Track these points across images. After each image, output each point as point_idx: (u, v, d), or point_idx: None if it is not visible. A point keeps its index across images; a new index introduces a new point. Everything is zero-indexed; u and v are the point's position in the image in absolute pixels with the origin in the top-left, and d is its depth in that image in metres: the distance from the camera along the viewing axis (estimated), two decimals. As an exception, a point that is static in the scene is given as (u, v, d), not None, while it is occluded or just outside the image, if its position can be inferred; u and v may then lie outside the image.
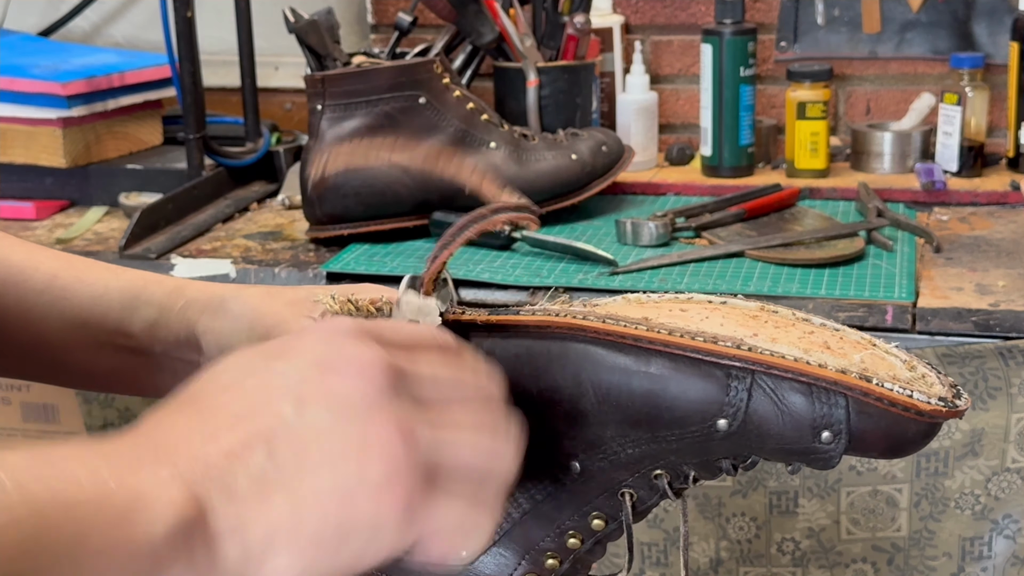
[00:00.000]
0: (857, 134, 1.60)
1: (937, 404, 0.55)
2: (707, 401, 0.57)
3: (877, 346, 0.60)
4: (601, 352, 0.59)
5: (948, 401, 0.55)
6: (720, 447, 0.58)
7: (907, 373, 0.57)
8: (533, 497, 0.62)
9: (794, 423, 0.56)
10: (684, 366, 0.57)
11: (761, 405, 0.56)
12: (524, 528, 0.63)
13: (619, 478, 0.61)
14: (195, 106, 1.53)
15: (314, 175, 1.39)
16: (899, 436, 0.56)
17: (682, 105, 1.78)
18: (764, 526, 1.20)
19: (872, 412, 0.55)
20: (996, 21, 1.64)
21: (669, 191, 1.58)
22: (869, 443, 0.56)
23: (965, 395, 0.57)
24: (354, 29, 1.87)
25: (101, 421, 1.44)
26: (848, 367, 0.56)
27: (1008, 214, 1.45)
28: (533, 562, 0.62)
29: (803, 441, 0.56)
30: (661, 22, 1.76)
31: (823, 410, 0.56)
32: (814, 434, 0.56)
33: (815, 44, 1.71)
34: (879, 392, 0.55)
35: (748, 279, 1.23)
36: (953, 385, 0.57)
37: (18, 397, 1.73)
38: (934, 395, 0.55)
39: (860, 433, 0.56)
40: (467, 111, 1.41)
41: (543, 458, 0.60)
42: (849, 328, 0.61)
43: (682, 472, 0.61)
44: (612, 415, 0.59)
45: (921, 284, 1.21)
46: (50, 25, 1.94)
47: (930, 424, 0.56)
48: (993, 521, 1.16)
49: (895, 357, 0.59)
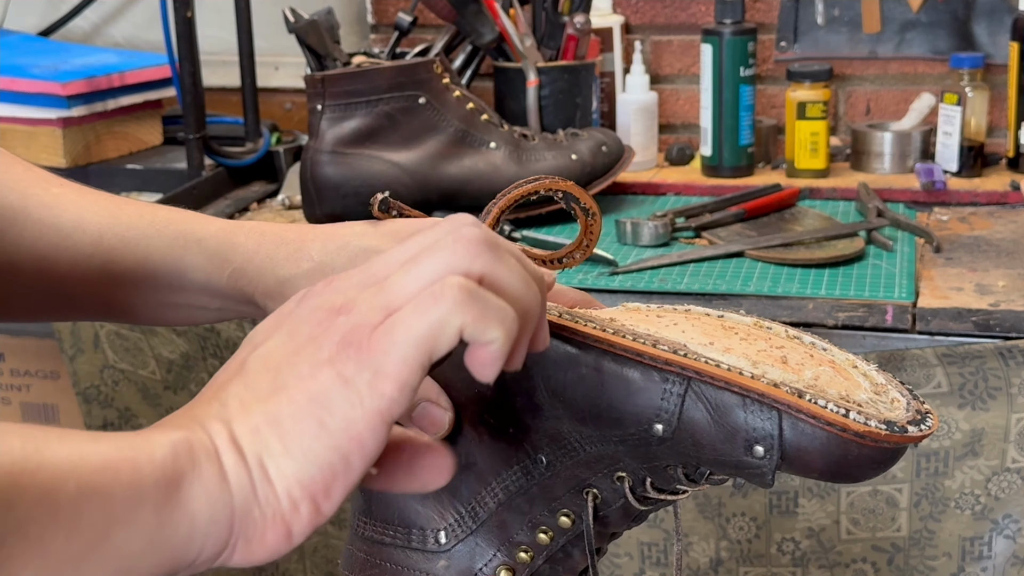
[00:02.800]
0: (857, 134, 1.60)
1: (876, 427, 0.53)
2: (643, 404, 0.56)
3: (857, 367, 0.59)
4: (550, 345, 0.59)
5: (897, 427, 0.53)
6: (661, 452, 0.58)
7: (865, 395, 0.55)
8: (507, 488, 0.63)
9: (726, 434, 0.55)
10: (623, 366, 0.57)
11: (695, 413, 0.56)
12: (499, 518, 0.63)
13: (583, 476, 0.62)
14: (195, 106, 1.53)
15: (314, 175, 1.39)
16: (839, 458, 0.54)
17: (682, 105, 1.78)
18: (764, 526, 1.20)
19: (808, 430, 0.54)
20: (996, 21, 1.64)
21: (669, 191, 1.58)
22: (806, 462, 0.54)
23: (929, 425, 0.54)
24: (354, 29, 1.87)
25: (101, 421, 1.44)
26: (787, 382, 0.55)
27: (1008, 214, 1.45)
28: (507, 554, 0.62)
29: (736, 453, 0.55)
30: (661, 22, 1.76)
31: (755, 423, 0.54)
32: (746, 447, 0.55)
33: (815, 44, 1.72)
34: (807, 408, 0.53)
35: (748, 279, 1.23)
36: (921, 413, 0.55)
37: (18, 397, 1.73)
38: (880, 419, 0.53)
39: (795, 451, 0.54)
40: (467, 111, 1.41)
41: (514, 447, 0.61)
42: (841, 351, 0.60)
43: (640, 477, 0.61)
44: (563, 410, 0.59)
45: (921, 284, 1.21)
46: (50, 25, 1.94)
47: (876, 449, 0.54)
48: (993, 521, 1.16)
49: (867, 379, 0.57)
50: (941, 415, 1.12)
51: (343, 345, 0.49)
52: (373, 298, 0.50)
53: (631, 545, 1.22)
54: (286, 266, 0.71)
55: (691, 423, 0.56)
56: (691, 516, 1.21)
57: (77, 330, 1.41)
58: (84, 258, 0.74)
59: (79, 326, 1.40)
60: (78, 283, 0.75)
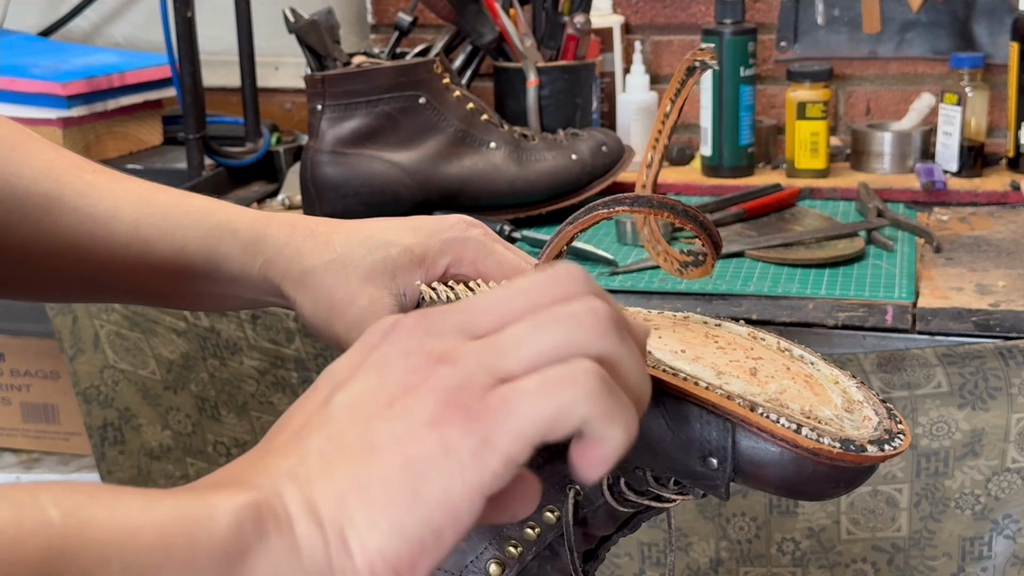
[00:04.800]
0: (857, 134, 1.60)
1: (829, 445, 0.52)
2: None
3: (839, 383, 0.58)
4: None
5: (854, 445, 0.52)
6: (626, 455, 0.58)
7: (831, 412, 0.55)
8: None
9: (682, 444, 0.55)
10: None
11: (652, 420, 0.56)
12: None
13: (564, 471, 0.62)
14: (195, 106, 1.53)
15: (314, 175, 1.39)
16: (794, 474, 0.53)
17: (682, 105, 1.78)
18: (764, 526, 1.20)
19: (761, 444, 0.53)
20: (996, 21, 1.64)
21: (669, 191, 1.58)
22: (760, 477, 0.54)
23: (896, 446, 0.54)
24: (354, 29, 1.87)
25: (101, 421, 1.44)
26: (745, 394, 0.54)
27: (1008, 214, 1.45)
28: (498, 548, 0.63)
29: (691, 463, 0.55)
30: (661, 22, 1.76)
31: (709, 435, 0.54)
32: (701, 458, 0.55)
33: (815, 44, 1.71)
34: (756, 421, 0.53)
35: (748, 279, 1.23)
36: (891, 433, 0.54)
37: (18, 397, 1.73)
38: (837, 436, 0.52)
39: (748, 464, 0.54)
40: (467, 111, 1.41)
41: None
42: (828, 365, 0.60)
43: (616, 476, 0.61)
44: None
45: (921, 284, 1.21)
46: (50, 25, 1.94)
47: (832, 467, 0.53)
48: (993, 521, 1.16)
49: (844, 396, 0.57)
50: (941, 415, 1.12)
51: (448, 406, 0.44)
52: (484, 356, 0.45)
53: (631, 545, 1.22)
54: (311, 257, 0.72)
55: (648, 430, 0.56)
56: (691, 516, 1.21)
57: (77, 330, 1.40)
58: (120, 247, 0.75)
59: (79, 326, 1.40)
60: (114, 271, 0.75)
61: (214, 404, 1.37)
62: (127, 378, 1.41)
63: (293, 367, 1.31)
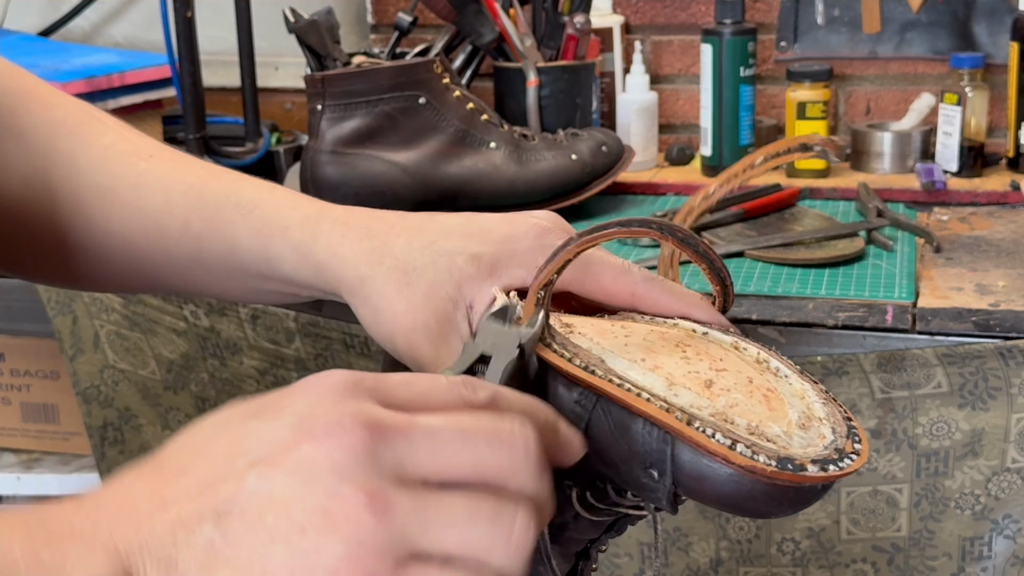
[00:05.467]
0: (857, 134, 1.60)
1: (764, 463, 0.51)
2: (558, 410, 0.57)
3: (805, 399, 0.58)
4: None
5: (792, 464, 0.52)
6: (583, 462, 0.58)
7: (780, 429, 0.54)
8: None
9: (627, 454, 0.55)
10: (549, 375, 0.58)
11: (600, 429, 0.56)
12: None
13: None
14: (195, 106, 1.53)
15: (314, 175, 1.39)
16: (733, 491, 0.52)
17: (682, 105, 1.78)
18: (764, 526, 1.20)
19: (702, 459, 0.53)
20: (996, 21, 1.64)
21: (669, 191, 1.58)
22: (699, 491, 0.54)
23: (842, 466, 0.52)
24: (354, 29, 1.87)
25: (101, 421, 1.44)
26: (690, 406, 0.54)
27: (1008, 214, 1.45)
28: None
29: (635, 474, 0.55)
30: (661, 22, 1.76)
31: (650, 446, 0.54)
32: (643, 469, 0.55)
33: (815, 44, 1.71)
34: (690, 435, 0.52)
35: (748, 279, 1.24)
36: (842, 452, 0.53)
37: (18, 397, 1.73)
38: (776, 455, 0.52)
39: (688, 478, 0.53)
40: (467, 111, 1.41)
41: None
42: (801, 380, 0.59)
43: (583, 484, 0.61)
44: None
45: (921, 284, 1.21)
46: (50, 25, 1.94)
47: (772, 485, 0.52)
48: (993, 521, 1.16)
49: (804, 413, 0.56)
50: (941, 415, 1.12)
51: (354, 565, 0.43)
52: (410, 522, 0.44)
53: (631, 545, 1.22)
54: (368, 262, 0.66)
55: (596, 439, 0.56)
56: (691, 516, 1.21)
57: (77, 330, 1.40)
58: (173, 245, 0.73)
59: (79, 326, 1.40)
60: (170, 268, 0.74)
61: (214, 404, 1.37)
62: (127, 378, 1.41)
63: (293, 367, 1.31)
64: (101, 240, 0.74)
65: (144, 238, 0.73)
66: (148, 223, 0.73)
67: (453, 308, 0.64)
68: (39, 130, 0.74)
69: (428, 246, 0.66)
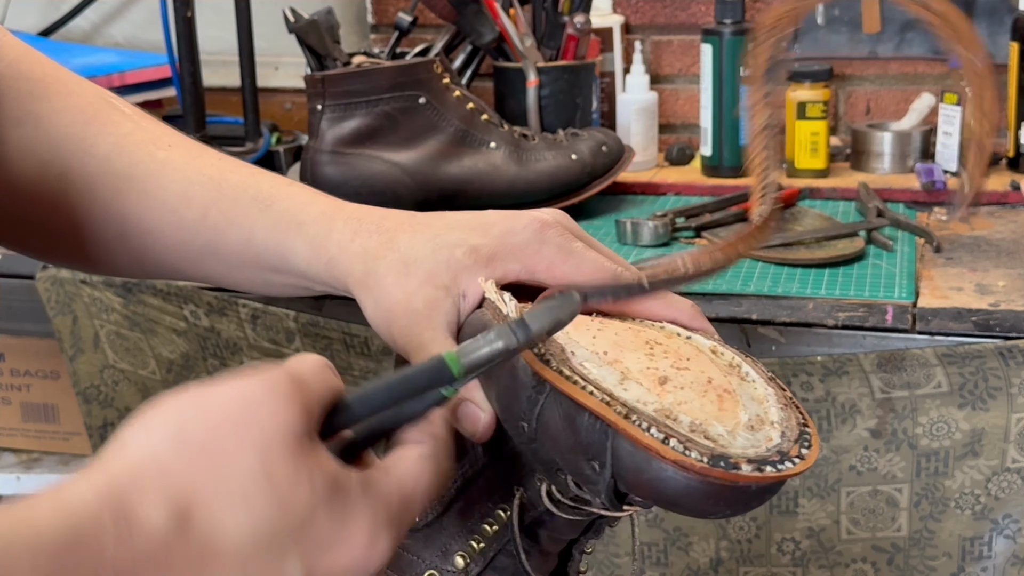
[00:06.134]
0: (857, 134, 1.60)
1: (695, 459, 0.51)
2: (516, 401, 0.58)
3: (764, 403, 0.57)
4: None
5: (724, 463, 0.52)
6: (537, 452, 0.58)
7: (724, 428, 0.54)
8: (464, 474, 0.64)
9: (572, 445, 0.55)
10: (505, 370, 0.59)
11: (552, 420, 0.56)
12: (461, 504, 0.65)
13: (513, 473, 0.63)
14: (195, 106, 1.53)
15: (314, 175, 1.39)
16: (669, 487, 0.52)
17: (682, 105, 1.78)
18: (764, 526, 1.20)
19: (639, 454, 0.53)
20: (996, 21, 1.64)
21: (669, 191, 1.58)
22: (636, 486, 0.54)
23: (780, 469, 0.52)
24: (354, 29, 1.87)
25: (101, 421, 1.44)
26: (633, 401, 0.54)
27: (1008, 214, 1.45)
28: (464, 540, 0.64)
29: (579, 465, 0.55)
30: (661, 22, 1.76)
31: (592, 438, 0.54)
32: (586, 461, 0.55)
33: (815, 44, 1.72)
34: (624, 428, 0.53)
35: (748, 279, 1.23)
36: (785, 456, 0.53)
37: (18, 397, 1.73)
38: (709, 452, 0.52)
39: (626, 472, 0.53)
40: (467, 111, 1.41)
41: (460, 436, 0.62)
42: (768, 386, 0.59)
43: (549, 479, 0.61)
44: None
45: (921, 284, 1.21)
46: (50, 25, 1.94)
47: (707, 483, 0.52)
48: (993, 521, 1.16)
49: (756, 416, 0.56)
50: (941, 415, 1.12)
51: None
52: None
53: (630, 545, 1.22)
54: (374, 257, 0.68)
55: (548, 429, 0.56)
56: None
57: (77, 330, 1.40)
58: (190, 235, 0.74)
59: (79, 326, 1.40)
60: (184, 256, 0.75)
61: (214, 404, 1.37)
62: (127, 378, 1.41)
63: (293, 367, 1.31)
64: (118, 227, 0.74)
65: (161, 226, 0.74)
66: (166, 212, 0.74)
67: (445, 295, 0.66)
68: (58, 116, 0.75)
69: (431, 239, 0.68)
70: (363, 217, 0.71)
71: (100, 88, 0.79)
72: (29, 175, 0.74)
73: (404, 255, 0.67)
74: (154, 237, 0.74)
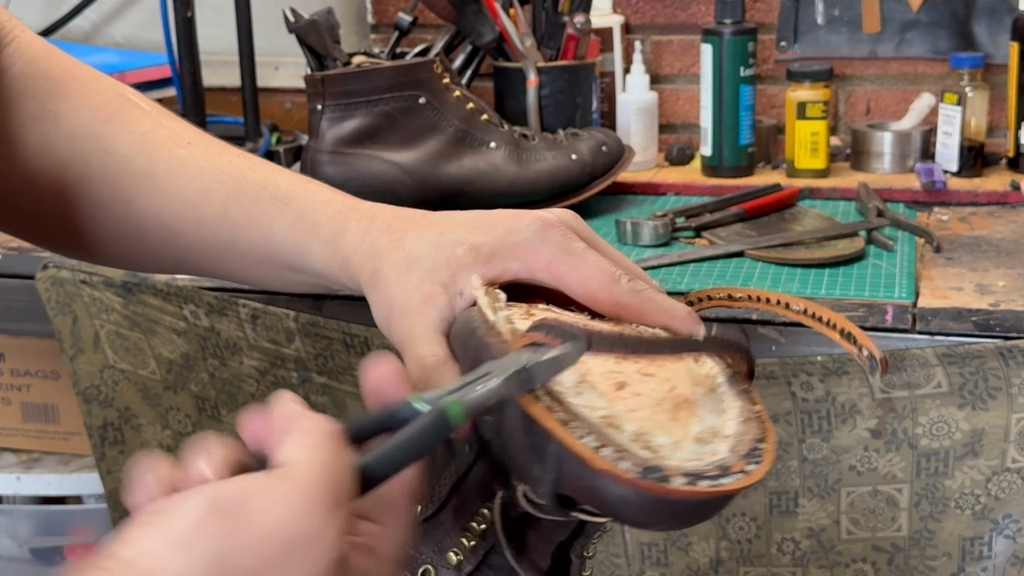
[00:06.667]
0: (857, 134, 1.60)
1: (625, 470, 0.51)
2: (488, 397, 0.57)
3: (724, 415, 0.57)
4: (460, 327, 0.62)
5: (655, 474, 0.51)
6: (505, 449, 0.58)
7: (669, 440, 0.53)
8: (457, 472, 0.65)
9: (524, 447, 0.55)
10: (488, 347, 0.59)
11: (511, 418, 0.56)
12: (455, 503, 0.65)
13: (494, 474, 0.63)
14: (195, 106, 1.53)
15: (314, 175, 1.39)
16: (603, 496, 0.52)
17: (682, 105, 1.78)
18: (764, 526, 1.20)
19: (575, 461, 0.52)
20: (996, 21, 1.64)
21: (669, 191, 1.58)
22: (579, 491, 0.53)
23: (718, 483, 0.51)
24: (354, 29, 1.87)
25: (101, 421, 1.44)
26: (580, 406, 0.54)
27: (1008, 214, 1.45)
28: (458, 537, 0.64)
29: (531, 468, 0.55)
30: (661, 22, 1.76)
31: (538, 442, 0.54)
32: (535, 464, 0.55)
33: (815, 44, 1.71)
34: (559, 435, 0.52)
35: (748, 279, 1.24)
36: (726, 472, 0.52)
37: (18, 397, 1.73)
38: (643, 463, 0.51)
39: (566, 478, 0.53)
40: (467, 111, 1.41)
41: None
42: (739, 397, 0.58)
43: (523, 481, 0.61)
44: None
45: (921, 284, 1.21)
46: (50, 25, 1.94)
47: (640, 494, 0.51)
48: (993, 521, 1.16)
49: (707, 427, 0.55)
50: (941, 415, 1.12)
51: None
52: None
53: (631, 545, 1.22)
54: (382, 256, 0.69)
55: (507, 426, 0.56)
56: (691, 516, 1.21)
57: (77, 330, 1.40)
58: (209, 232, 0.74)
59: (79, 326, 1.40)
60: (203, 253, 0.75)
61: (214, 404, 1.37)
62: (127, 378, 1.41)
63: (293, 367, 1.31)
64: (138, 224, 0.75)
65: (181, 223, 0.74)
66: (186, 209, 0.74)
67: (441, 292, 0.66)
68: (78, 114, 0.75)
69: (435, 237, 0.68)
70: (376, 216, 0.71)
71: (120, 84, 0.79)
72: (49, 173, 0.74)
73: (408, 253, 0.68)
74: (175, 234, 0.75)
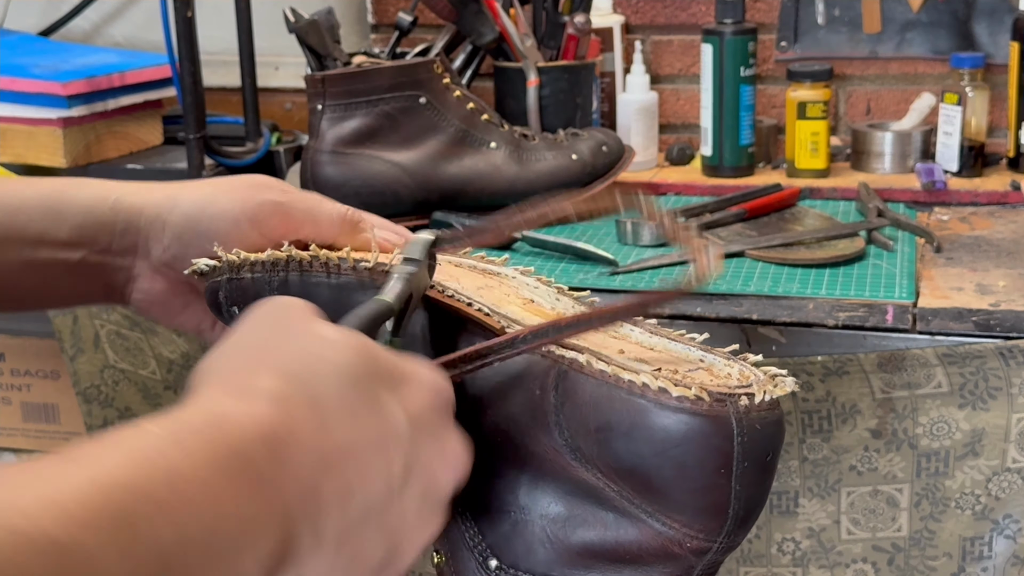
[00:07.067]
0: (857, 134, 1.60)
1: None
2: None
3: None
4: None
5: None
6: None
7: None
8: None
9: (512, 379, 0.63)
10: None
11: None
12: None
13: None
14: (195, 106, 1.53)
15: (314, 175, 1.39)
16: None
17: (682, 105, 1.78)
18: (764, 526, 1.20)
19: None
20: (996, 21, 1.64)
21: (669, 191, 1.58)
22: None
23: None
24: (354, 29, 1.87)
25: (101, 421, 1.44)
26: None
27: (1008, 214, 1.45)
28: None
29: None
30: (661, 22, 1.76)
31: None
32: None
33: (815, 44, 1.71)
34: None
35: (748, 279, 1.23)
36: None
37: (18, 397, 1.73)
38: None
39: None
40: (467, 111, 1.41)
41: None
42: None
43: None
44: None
45: (921, 284, 1.21)
46: (50, 25, 1.94)
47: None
48: (993, 521, 1.16)
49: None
50: (941, 415, 1.12)
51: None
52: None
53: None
54: (172, 196, 0.74)
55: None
56: (691, 516, 1.21)
57: (77, 330, 1.40)
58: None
59: (79, 326, 1.40)
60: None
61: (214, 404, 1.37)
62: (127, 378, 1.41)
63: (293, 367, 1.31)
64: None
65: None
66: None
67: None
68: None
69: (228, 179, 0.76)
70: (146, 184, 0.75)
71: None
72: None
73: (210, 182, 0.75)
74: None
